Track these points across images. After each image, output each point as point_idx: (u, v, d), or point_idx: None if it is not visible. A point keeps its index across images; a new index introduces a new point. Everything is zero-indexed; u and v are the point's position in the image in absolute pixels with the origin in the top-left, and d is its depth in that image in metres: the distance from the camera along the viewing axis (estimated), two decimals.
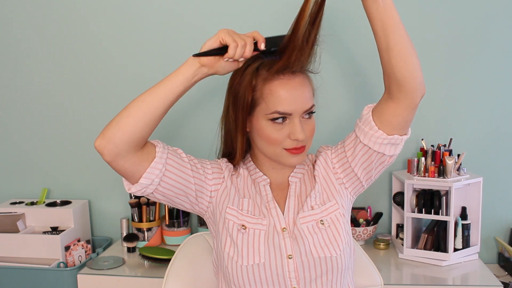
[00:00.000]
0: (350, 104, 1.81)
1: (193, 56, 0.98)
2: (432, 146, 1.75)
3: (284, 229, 1.09)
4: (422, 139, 1.77)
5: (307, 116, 1.07)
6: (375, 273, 1.31)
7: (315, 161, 1.19)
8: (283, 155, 1.08)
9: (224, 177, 1.14)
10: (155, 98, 0.98)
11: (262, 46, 1.00)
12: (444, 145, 1.73)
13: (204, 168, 1.12)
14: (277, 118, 1.04)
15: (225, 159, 1.18)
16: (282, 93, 1.03)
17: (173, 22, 1.84)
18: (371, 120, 1.07)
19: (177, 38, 1.84)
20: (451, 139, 1.74)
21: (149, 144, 1.04)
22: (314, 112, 1.09)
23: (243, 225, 1.09)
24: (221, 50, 0.97)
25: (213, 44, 0.97)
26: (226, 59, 0.98)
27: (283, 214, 1.12)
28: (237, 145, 1.13)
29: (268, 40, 1.02)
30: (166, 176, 1.04)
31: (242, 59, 1.00)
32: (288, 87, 1.03)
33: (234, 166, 1.17)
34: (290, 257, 1.07)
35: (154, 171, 1.02)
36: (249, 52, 0.98)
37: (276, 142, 1.06)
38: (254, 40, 1.00)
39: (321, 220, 1.10)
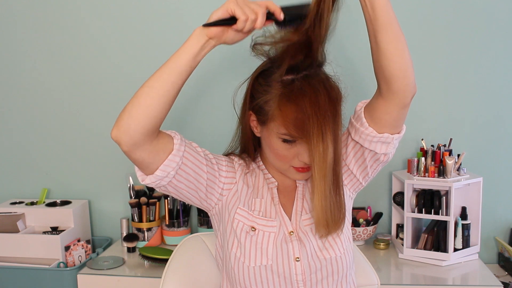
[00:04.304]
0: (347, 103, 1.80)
1: (202, 26, 0.93)
2: (432, 146, 1.75)
3: (292, 233, 1.09)
4: (422, 139, 1.77)
5: None
6: (371, 272, 1.31)
7: None
8: (290, 171, 1.08)
9: (236, 177, 1.12)
10: (165, 81, 0.93)
11: (281, 16, 0.94)
12: (444, 145, 1.72)
13: (218, 164, 1.10)
14: (288, 139, 1.03)
15: (237, 157, 1.16)
16: (295, 117, 0.99)
17: (174, 23, 1.84)
18: (363, 117, 1.06)
19: (179, 39, 1.84)
20: (451, 139, 1.74)
21: (165, 134, 1.01)
22: None
23: (252, 227, 1.08)
24: (231, 20, 0.92)
25: (221, 15, 0.92)
26: (235, 29, 0.94)
27: (289, 217, 1.11)
28: (250, 145, 1.15)
29: (285, 10, 0.96)
30: (181, 170, 1.02)
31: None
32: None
33: (246, 163, 1.16)
34: (297, 259, 1.06)
35: (171, 164, 0.99)
36: (260, 24, 0.93)
37: (285, 160, 1.06)
38: (267, 10, 0.94)
39: None
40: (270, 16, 0.95)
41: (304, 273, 1.06)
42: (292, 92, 0.99)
